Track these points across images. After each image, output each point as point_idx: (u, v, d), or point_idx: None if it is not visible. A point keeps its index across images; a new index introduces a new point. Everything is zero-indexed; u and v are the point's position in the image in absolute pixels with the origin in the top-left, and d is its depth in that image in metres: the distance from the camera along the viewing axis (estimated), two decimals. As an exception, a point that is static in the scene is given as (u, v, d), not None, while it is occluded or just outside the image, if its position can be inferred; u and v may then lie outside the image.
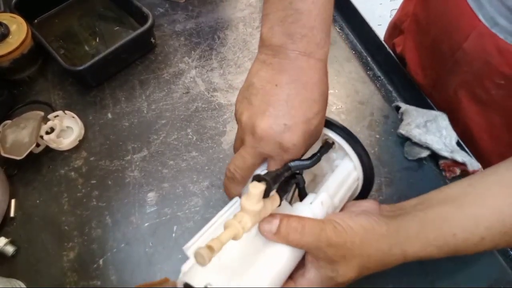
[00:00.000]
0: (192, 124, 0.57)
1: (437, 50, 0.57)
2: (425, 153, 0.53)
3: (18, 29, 0.57)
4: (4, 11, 0.60)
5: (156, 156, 0.55)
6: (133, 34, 0.58)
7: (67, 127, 0.56)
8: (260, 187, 0.32)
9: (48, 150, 0.55)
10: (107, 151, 0.55)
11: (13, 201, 0.51)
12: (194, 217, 0.50)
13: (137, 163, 0.54)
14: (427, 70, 0.61)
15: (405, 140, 0.55)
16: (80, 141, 0.56)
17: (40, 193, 0.52)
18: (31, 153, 0.51)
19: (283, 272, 0.35)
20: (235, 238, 0.31)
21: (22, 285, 0.45)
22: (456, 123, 0.54)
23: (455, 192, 0.39)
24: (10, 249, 0.47)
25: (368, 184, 0.44)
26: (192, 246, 0.35)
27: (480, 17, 0.47)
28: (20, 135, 0.52)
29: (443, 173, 0.53)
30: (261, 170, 0.39)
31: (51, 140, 0.53)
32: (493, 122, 0.53)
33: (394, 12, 0.72)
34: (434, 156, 0.54)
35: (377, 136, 0.57)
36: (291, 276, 0.37)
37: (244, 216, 0.32)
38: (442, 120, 0.53)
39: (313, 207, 0.38)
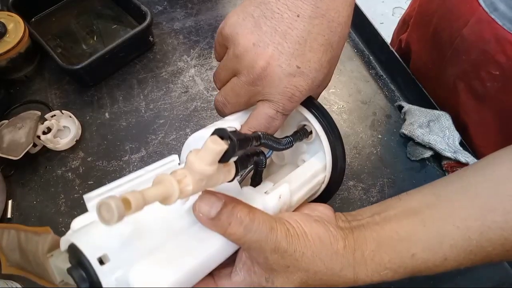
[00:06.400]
0: (191, 123, 0.57)
1: (437, 40, 0.57)
2: (428, 154, 0.52)
3: (15, 27, 0.56)
4: (1, 10, 0.60)
5: (154, 157, 0.54)
6: (131, 32, 0.57)
7: (64, 127, 0.56)
8: (222, 145, 0.23)
9: (45, 150, 0.54)
10: (105, 152, 0.54)
11: (10, 202, 0.50)
12: (193, 218, 0.50)
13: (135, 163, 0.53)
14: (428, 63, 0.60)
15: (407, 140, 0.54)
16: (77, 141, 0.55)
17: (37, 193, 0.51)
18: (28, 153, 0.50)
19: (205, 267, 0.28)
20: (164, 201, 0.22)
21: (19, 286, 0.45)
22: (455, 119, 0.53)
23: (416, 202, 0.34)
24: (6, 251, 0.47)
25: (333, 190, 0.39)
26: (96, 197, 0.26)
27: (481, 1, 0.47)
28: (17, 135, 0.51)
29: (446, 173, 0.52)
30: (234, 119, 0.32)
31: (48, 140, 0.53)
32: (486, 120, 0.53)
33: (397, 10, 0.72)
34: (437, 157, 0.53)
35: (380, 136, 0.56)
36: (212, 273, 0.30)
37: (187, 176, 0.23)
38: (445, 120, 0.53)
39: (268, 198, 0.31)
